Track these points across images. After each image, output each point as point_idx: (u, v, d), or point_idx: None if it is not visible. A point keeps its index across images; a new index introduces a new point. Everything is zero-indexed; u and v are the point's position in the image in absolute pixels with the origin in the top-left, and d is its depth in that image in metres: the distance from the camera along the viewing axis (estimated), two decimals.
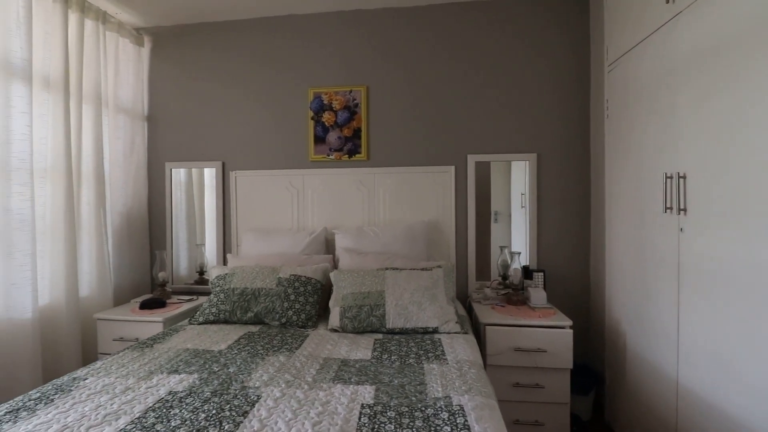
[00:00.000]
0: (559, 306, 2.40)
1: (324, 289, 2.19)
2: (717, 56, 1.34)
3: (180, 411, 1.17)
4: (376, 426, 1.09)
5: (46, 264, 2.09)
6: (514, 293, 2.26)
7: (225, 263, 2.69)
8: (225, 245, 2.75)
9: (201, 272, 2.79)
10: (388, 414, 1.15)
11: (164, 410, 1.18)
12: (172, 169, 2.81)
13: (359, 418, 1.13)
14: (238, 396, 1.26)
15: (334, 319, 1.96)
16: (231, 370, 1.46)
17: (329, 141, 2.64)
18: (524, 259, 2.47)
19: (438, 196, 2.56)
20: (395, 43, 2.60)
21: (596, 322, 2.37)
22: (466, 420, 1.11)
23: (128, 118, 2.68)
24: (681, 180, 1.51)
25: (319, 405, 1.21)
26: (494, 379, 1.79)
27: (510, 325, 1.97)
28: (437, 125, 2.58)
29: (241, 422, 1.11)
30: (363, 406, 1.20)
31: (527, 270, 2.37)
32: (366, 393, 1.28)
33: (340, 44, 2.65)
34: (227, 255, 2.60)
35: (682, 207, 1.51)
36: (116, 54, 2.59)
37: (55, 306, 2.12)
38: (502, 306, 2.21)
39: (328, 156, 2.64)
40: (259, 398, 1.25)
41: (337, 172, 2.63)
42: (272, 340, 1.79)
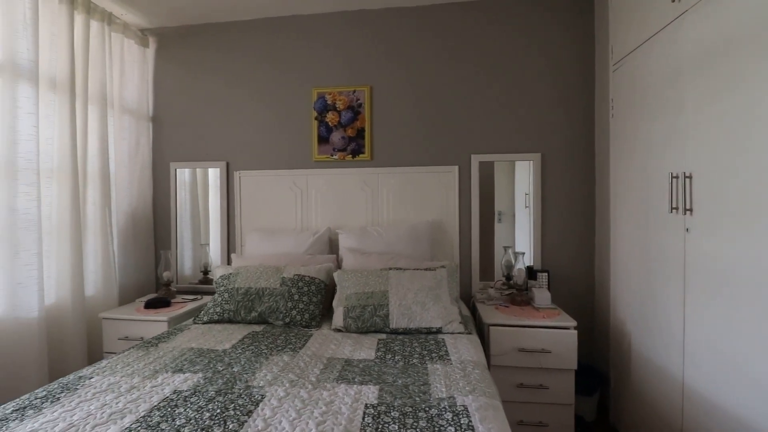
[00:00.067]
0: (564, 306, 2.39)
1: (328, 289, 2.19)
2: (724, 55, 1.33)
3: (185, 410, 1.18)
4: (380, 426, 1.09)
5: (52, 263, 2.11)
6: (518, 293, 2.25)
7: (229, 263, 2.70)
8: (229, 245, 2.76)
9: (205, 272, 2.80)
10: (392, 414, 1.15)
11: (169, 409, 1.18)
12: (177, 170, 2.82)
13: (363, 418, 1.13)
14: (243, 395, 1.27)
15: (338, 319, 1.96)
16: (235, 370, 1.47)
17: (333, 141, 2.64)
18: (528, 260, 2.46)
19: (441, 196, 2.55)
20: (399, 43, 2.60)
21: (601, 323, 2.36)
22: (470, 420, 1.11)
23: (133, 119, 2.70)
24: (687, 180, 1.50)
25: (323, 405, 1.21)
26: (498, 380, 1.79)
27: (514, 326, 1.97)
28: (441, 125, 2.58)
29: (246, 421, 1.11)
30: (367, 406, 1.20)
31: (531, 270, 2.36)
32: (370, 393, 1.28)
33: (344, 44, 2.65)
34: (231, 255, 2.61)
35: (688, 207, 1.50)
36: (121, 55, 2.61)
37: (61, 305, 2.14)
38: (506, 306, 2.20)
39: (332, 156, 2.64)
40: (264, 398, 1.25)
41: (341, 172, 2.63)
42: (276, 340, 1.79)
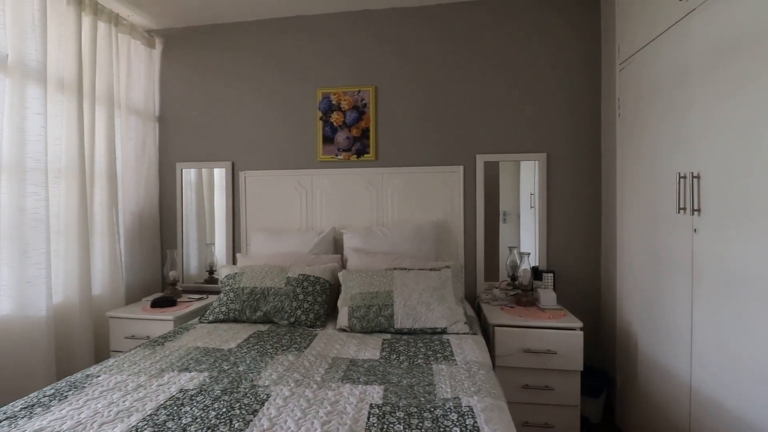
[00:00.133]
0: (570, 307, 2.38)
1: (332, 289, 2.19)
2: (732, 53, 1.31)
3: (191, 409, 1.19)
4: (385, 426, 1.09)
5: (60, 263, 2.13)
6: (524, 294, 2.24)
7: (234, 262, 2.71)
8: (234, 245, 2.78)
9: (211, 271, 2.82)
10: (397, 414, 1.15)
11: (175, 408, 1.19)
12: (183, 170, 2.84)
13: (368, 418, 1.13)
14: (248, 394, 1.27)
15: (343, 319, 1.96)
16: (241, 369, 1.47)
17: (338, 141, 2.64)
18: (534, 260, 2.45)
19: (446, 196, 2.55)
20: (403, 43, 2.60)
21: (607, 324, 2.34)
22: (476, 421, 1.10)
23: (140, 119, 2.72)
24: (695, 180, 1.49)
25: (328, 404, 1.21)
26: (503, 381, 1.79)
27: (519, 327, 1.96)
28: (446, 125, 2.57)
29: (251, 421, 1.12)
30: (372, 406, 1.20)
31: (537, 271, 2.35)
32: (375, 393, 1.28)
33: (349, 44, 2.65)
34: (237, 254, 2.62)
35: (696, 207, 1.48)
36: (128, 56, 2.63)
37: (69, 304, 2.16)
38: (511, 307, 2.19)
39: (337, 156, 2.65)
40: (269, 397, 1.26)
41: (346, 172, 2.63)
42: (281, 340, 1.79)
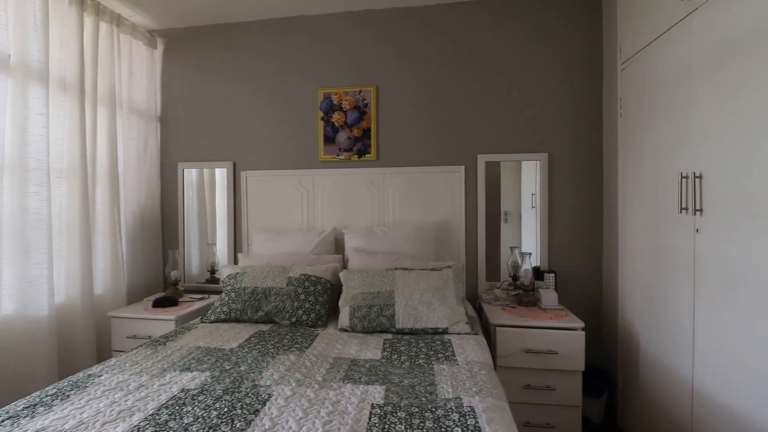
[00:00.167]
0: (571, 307, 2.38)
1: (334, 289, 2.19)
2: (736, 53, 1.31)
3: (192, 408, 1.19)
4: (387, 426, 1.09)
5: (62, 262, 2.14)
6: (525, 294, 2.24)
7: (236, 262, 2.71)
8: (236, 244, 2.78)
9: (212, 271, 2.82)
10: (399, 414, 1.15)
11: (177, 407, 1.19)
12: (184, 170, 2.84)
13: (369, 418, 1.13)
14: (250, 394, 1.27)
15: (344, 319, 1.96)
16: (242, 369, 1.47)
17: (339, 141, 2.64)
18: (535, 260, 2.45)
19: (448, 196, 2.55)
20: (405, 43, 2.60)
21: (609, 324, 2.34)
22: (477, 421, 1.10)
23: (141, 119, 2.72)
24: (697, 180, 1.48)
25: (330, 404, 1.21)
26: (504, 381, 1.78)
27: (520, 327, 1.95)
28: (447, 125, 2.57)
29: (253, 420, 1.12)
30: (373, 406, 1.20)
31: (538, 271, 2.35)
32: (376, 393, 1.28)
33: (350, 44, 2.65)
34: (238, 254, 2.62)
35: (698, 207, 1.48)
36: (130, 56, 2.63)
37: (71, 304, 2.16)
38: (513, 307, 2.19)
39: (338, 156, 2.65)
40: (270, 397, 1.26)
41: (347, 172, 2.63)
42: (282, 339, 1.80)
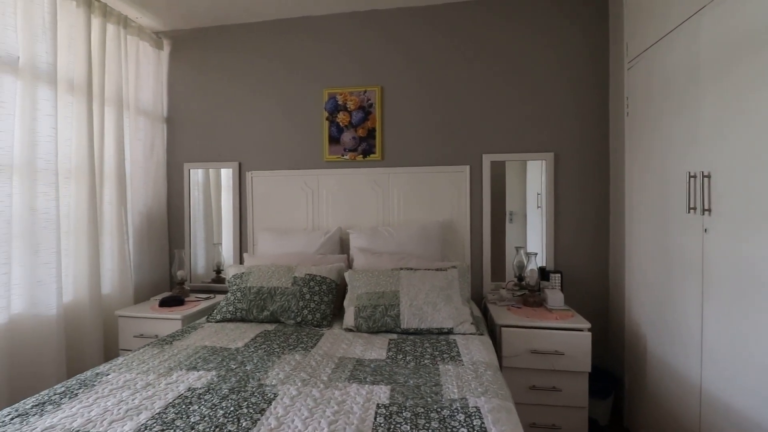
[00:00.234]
0: (577, 308, 2.36)
1: (339, 289, 2.20)
2: (746, 50, 1.29)
3: (199, 407, 1.19)
4: (392, 426, 1.09)
5: (70, 262, 2.16)
6: (531, 294, 2.23)
7: (241, 262, 2.72)
8: (241, 244, 2.79)
9: (218, 271, 2.84)
10: (404, 414, 1.15)
11: (184, 406, 1.20)
12: (191, 170, 2.86)
13: (375, 418, 1.13)
14: (255, 393, 1.28)
15: (349, 319, 1.96)
16: (248, 368, 1.48)
17: (344, 141, 2.65)
18: (541, 260, 2.44)
19: (453, 196, 2.54)
20: (410, 43, 2.60)
21: (615, 325, 2.32)
22: (483, 422, 1.10)
23: (148, 120, 2.74)
24: (705, 179, 1.47)
25: (335, 404, 1.21)
26: (510, 382, 1.78)
27: (526, 327, 1.95)
28: (452, 125, 2.57)
29: (259, 419, 1.12)
30: (378, 406, 1.20)
31: (544, 271, 2.33)
32: (381, 393, 1.28)
33: (355, 45, 2.65)
34: (244, 254, 2.63)
35: (707, 207, 1.46)
36: (137, 57, 2.65)
37: (79, 303, 2.18)
38: (518, 307, 2.18)
39: (343, 156, 2.65)
40: (276, 396, 1.26)
41: (352, 172, 2.63)
42: (288, 339, 1.80)
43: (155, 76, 2.80)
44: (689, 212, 1.55)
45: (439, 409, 1.17)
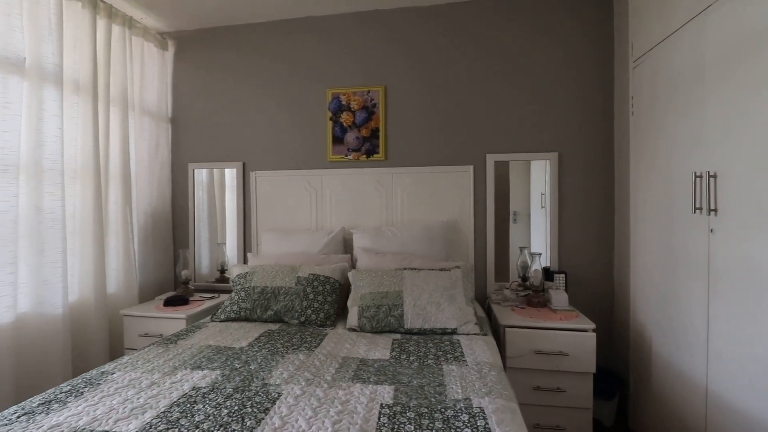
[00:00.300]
0: (582, 308, 2.35)
1: (342, 289, 2.20)
2: (752, 50, 1.28)
3: (203, 406, 1.20)
4: (396, 426, 1.09)
5: (76, 261, 2.17)
6: (535, 295, 2.22)
7: (245, 262, 2.73)
8: (245, 244, 2.80)
9: (222, 271, 2.85)
10: (408, 415, 1.15)
11: (188, 405, 1.21)
12: (195, 170, 2.87)
13: (379, 418, 1.13)
14: (259, 393, 1.28)
15: (353, 319, 1.96)
16: (252, 368, 1.48)
17: (347, 141, 2.65)
18: (545, 261, 2.43)
19: (456, 196, 2.54)
20: (413, 43, 2.60)
21: (620, 325, 2.31)
22: (487, 423, 1.10)
23: (153, 120, 2.76)
24: (711, 179, 1.46)
25: (339, 404, 1.21)
26: (514, 382, 1.77)
27: (530, 328, 1.94)
28: (456, 124, 2.56)
29: (263, 419, 1.12)
30: (382, 406, 1.20)
31: (548, 271, 2.33)
32: (385, 393, 1.28)
33: (358, 45, 2.65)
34: (248, 254, 2.64)
35: (713, 207, 1.45)
36: (142, 58, 2.67)
37: (84, 302, 2.19)
38: (522, 308, 2.18)
39: (346, 156, 2.65)
40: (280, 396, 1.26)
41: (355, 172, 2.64)
42: (291, 339, 1.80)
43: (160, 77, 2.81)
44: (695, 212, 1.54)
45: (443, 410, 1.17)
